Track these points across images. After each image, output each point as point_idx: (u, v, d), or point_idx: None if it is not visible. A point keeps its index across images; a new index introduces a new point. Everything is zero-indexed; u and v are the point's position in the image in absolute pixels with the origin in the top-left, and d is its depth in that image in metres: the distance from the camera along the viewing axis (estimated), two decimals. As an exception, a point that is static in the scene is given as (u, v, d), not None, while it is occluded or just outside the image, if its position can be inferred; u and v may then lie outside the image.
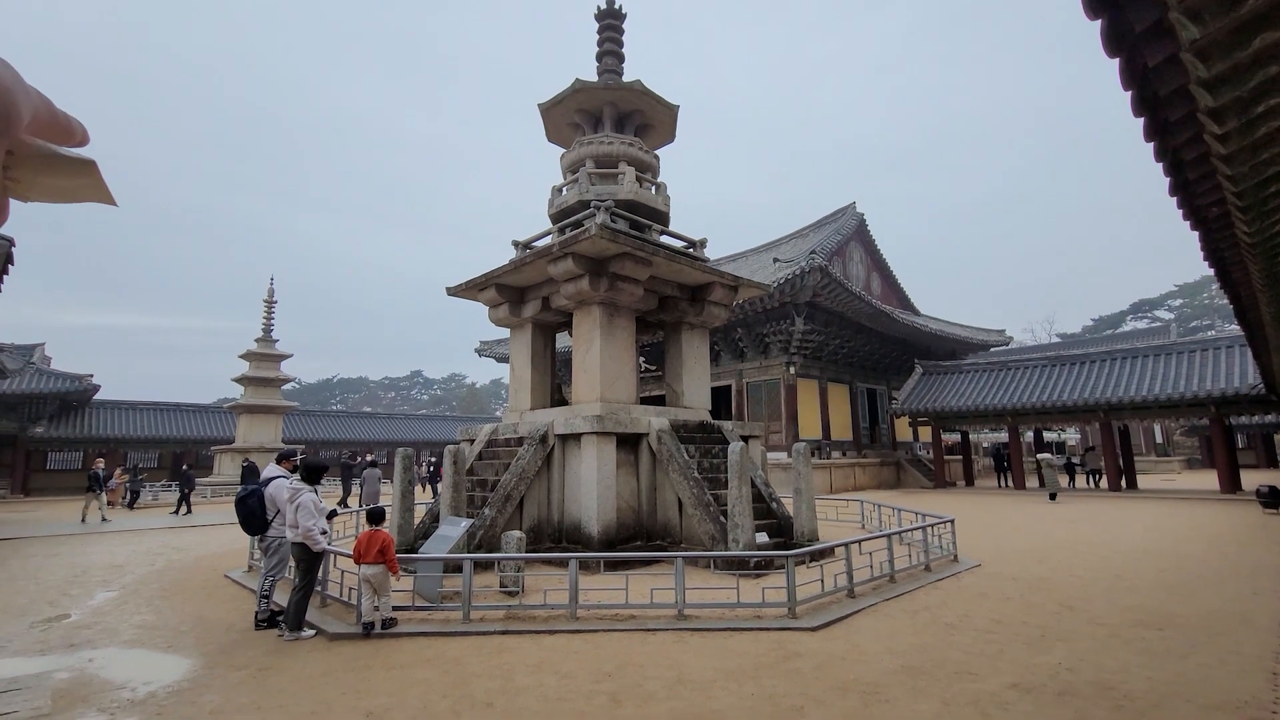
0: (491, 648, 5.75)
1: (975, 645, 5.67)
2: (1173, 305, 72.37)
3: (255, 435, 29.55)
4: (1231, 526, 13.49)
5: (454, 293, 12.83)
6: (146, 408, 38.92)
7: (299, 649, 5.83)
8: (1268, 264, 5.42)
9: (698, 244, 12.72)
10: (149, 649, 6.00)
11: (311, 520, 6.31)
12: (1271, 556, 9.80)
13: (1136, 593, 7.59)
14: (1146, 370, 22.96)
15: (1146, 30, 2.59)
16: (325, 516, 6.77)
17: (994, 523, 14.78)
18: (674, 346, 12.62)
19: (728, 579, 7.98)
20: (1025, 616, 6.61)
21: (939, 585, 8.05)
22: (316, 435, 43.75)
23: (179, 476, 21.99)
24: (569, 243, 10.08)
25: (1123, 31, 2.63)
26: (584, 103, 12.41)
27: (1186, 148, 3.48)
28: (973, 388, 26.65)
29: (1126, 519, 15.21)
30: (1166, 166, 3.77)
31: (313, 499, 6.44)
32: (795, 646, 5.67)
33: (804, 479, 9.84)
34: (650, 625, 6.22)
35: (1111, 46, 2.68)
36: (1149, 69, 2.83)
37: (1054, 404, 23.38)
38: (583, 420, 9.88)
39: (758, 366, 27.46)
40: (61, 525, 17.52)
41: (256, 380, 29.97)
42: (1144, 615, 6.59)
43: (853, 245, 32.23)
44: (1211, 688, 4.57)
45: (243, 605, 7.53)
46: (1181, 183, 3.97)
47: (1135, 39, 2.66)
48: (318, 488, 6.76)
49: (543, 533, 10.10)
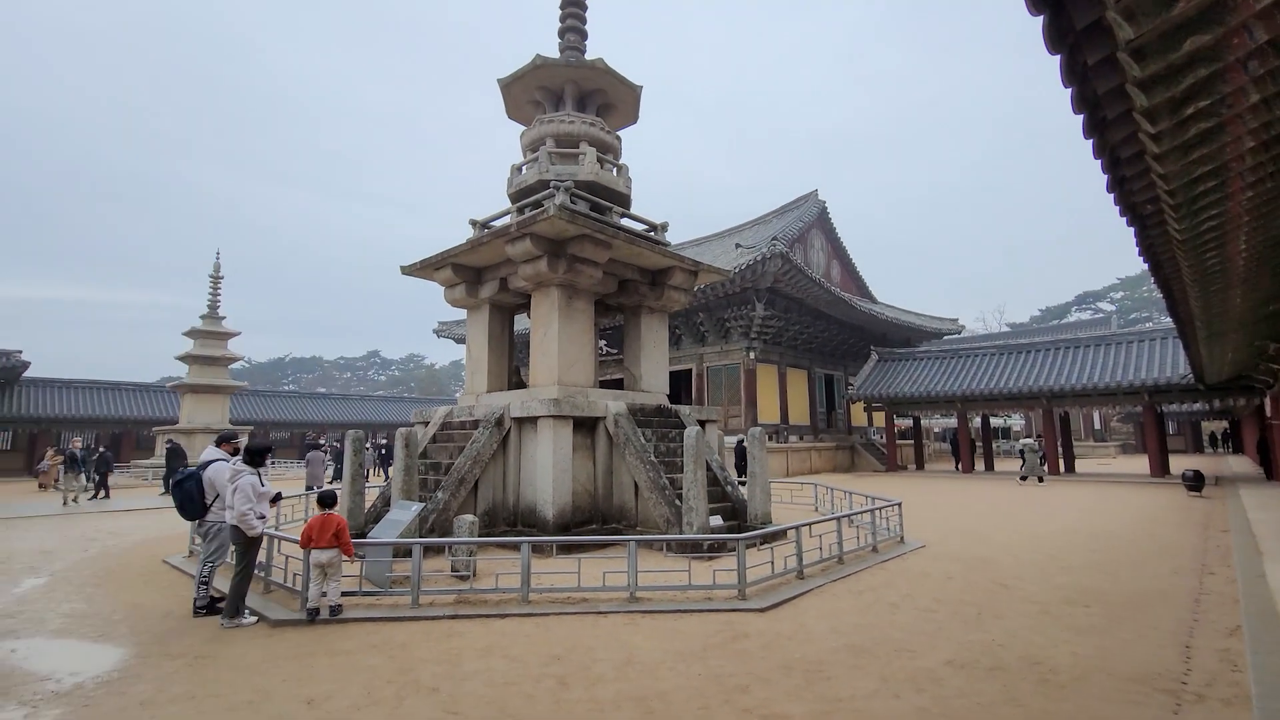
0: (440, 632, 5.69)
1: (916, 624, 5.87)
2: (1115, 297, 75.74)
3: (201, 416, 28.44)
4: (1159, 509, 14.28)
5: (409, 272, 12.50)
6: (82, 386, 37.03)
7: (239, 636, 5.66)
8: (1197, 260, 5.67)
9: (659, 227, 12.66)
10: (78, 638, 5.75)
11: (247, 504, 6.12)
12: (1192, 537, 10.41)
13: (1068, 572, 7.97)
14: (1088, 360, 24.00)
15: (1086, 28, 2.64)
16: (269, 500, 6.58)
17: (941, 505, 15.32)
18: (633, 330, 12.59)
19: (681, 561, 8.07)
20: (964, 595, 6.87)
21: (885, 566, 8.31)
22: (267, 416, 42.45)
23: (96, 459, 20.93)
24: (527, 223, 9.91)
25: (1064, 29, 2.67)
26: (545, 80, 12.15)
27: (1123, 145, 3.58)
28: (926, 375, 27.44)
29: (1064, 502, 15.96)
30: (1104, 163, 3.87)
31: (252, 482, 6.24)
32: (744, 627, 5.78)
33: (759, 463, 9.98)
34: (602, 608, 6.25)
35: (1053, 43, 2.73)
36: (1088, 67, 2.88)
37: (1002, 391, 24.28)
38: (540, 403, 9.80)
39: (718, 351, 27.69)
40: None
41: (202, 359, 28.78)
42: (1074, 593, 6.92)
43: (814, 232, 32.65)
44: (1130, 661, 4.83)
45: (181, 592, 7.27)
46: (1118, 179, 4.10)
47: (1076, 36, 2.70)
48: (262, 470, 6.55)
49: (497, 516, 10.03)
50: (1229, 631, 5.52)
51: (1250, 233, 5.09)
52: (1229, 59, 2.73)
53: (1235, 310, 8.33)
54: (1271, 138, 3.52)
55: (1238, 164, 3.78)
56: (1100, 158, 3.80)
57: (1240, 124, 3.31)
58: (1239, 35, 2.61)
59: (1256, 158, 3.72)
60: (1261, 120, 3.28)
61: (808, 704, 4.15)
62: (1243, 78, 2.87)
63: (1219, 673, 4.59)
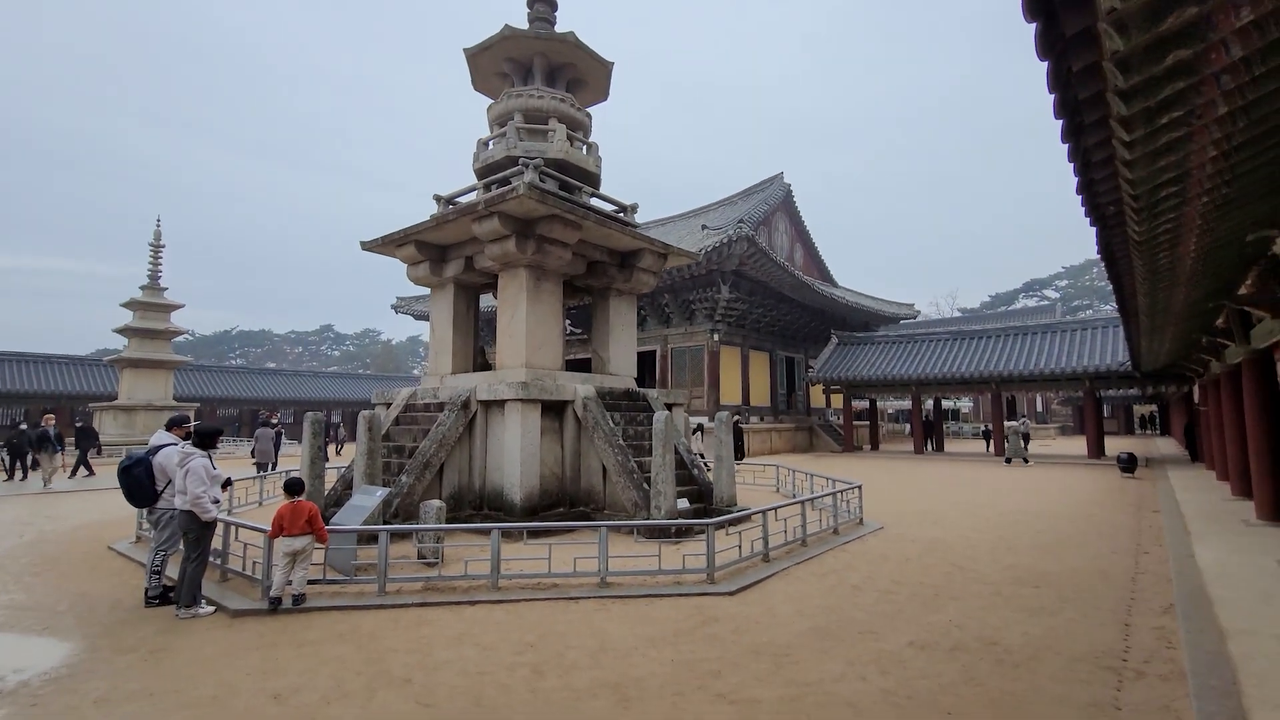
0: (409, 620, 5.62)
1: (877, 606, 6.08)
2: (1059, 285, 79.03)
3: (142, 392, 27.14)
4: (1096, 490, 15.10)
5: (369, 248, 12.08)
6: (8, 359, 34.78)
7: (196, 627, 5.47)
8: (1150, 259, 5.92)
9: (628, 209, 12.53)
10: (19, 632, 5.45)
11: (201, 487, 5.88)
12: (1126, 517, 11.05)
13: (1016, 552, 8.37)
14: (1035, 346, 25.01)
15: (1075, 36, 2.67)
16: (220, 485, 6.34)
17: (896, 486, 15.85)
18: (601, 313, 12.50)
19: (650, 546, 8.15)
20: (921, 577, 7.14)
21: (846, 548, 8.56)
22: (213, 392, 40.82)
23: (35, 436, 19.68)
24: (495, 201, 9.66)
25: (1054, 37, 2.70)
26: (513, 51, 11.78)
27: (1096, 149, 3.68)
28: (883, 358, 28.18)
29: (1010, 482, 16.71)
30: (1077, 166, 3.97)
31: (204, 464, 6.00)
32: (714, 611, 5.88)
33: (725, 446, 10.11)
34: (573, 594, 6.26)
35: (1043, 50, 2.76)
36: (1073, 74, 2.93)
37: (954, 375, 25.14)
38: (507, 386, 9.67)
39: (683, 333, 27.81)
40: (-94, 490, 15.55)
41: (142, 332, 27.38)
42: (1022, 574, 7.27)
43: (779, 216, 32.90)
44: (1076, 640, 5.11)
45: (131, 580, 6.98)
46: (1087, 182, 4.20)
47: (1064, 44, 2.74)
48: (212, 453, 6.30)
49: (463, 500, 9.91)
50: (1163, 610, 5.90)
51: (1200, 235, 5.33)
52: (1205, 72, 2.82)
53: (1178, 305, 8.77)
54: (1231, 148, 3.68)
55: (1199, 171, 3.94)
56: (1074, 160, 3.90)
57: (1206, 134, 3.44)
58: (1217, 50, 2.69)
59: (1216, 166, 3.88)
60: (1225, 131, 3.42)
61: (778, 688, 4.25)
62: (1215, 91, 2.98)
63: (1155, 650, 4.90)
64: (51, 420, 17.49)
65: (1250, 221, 5.48)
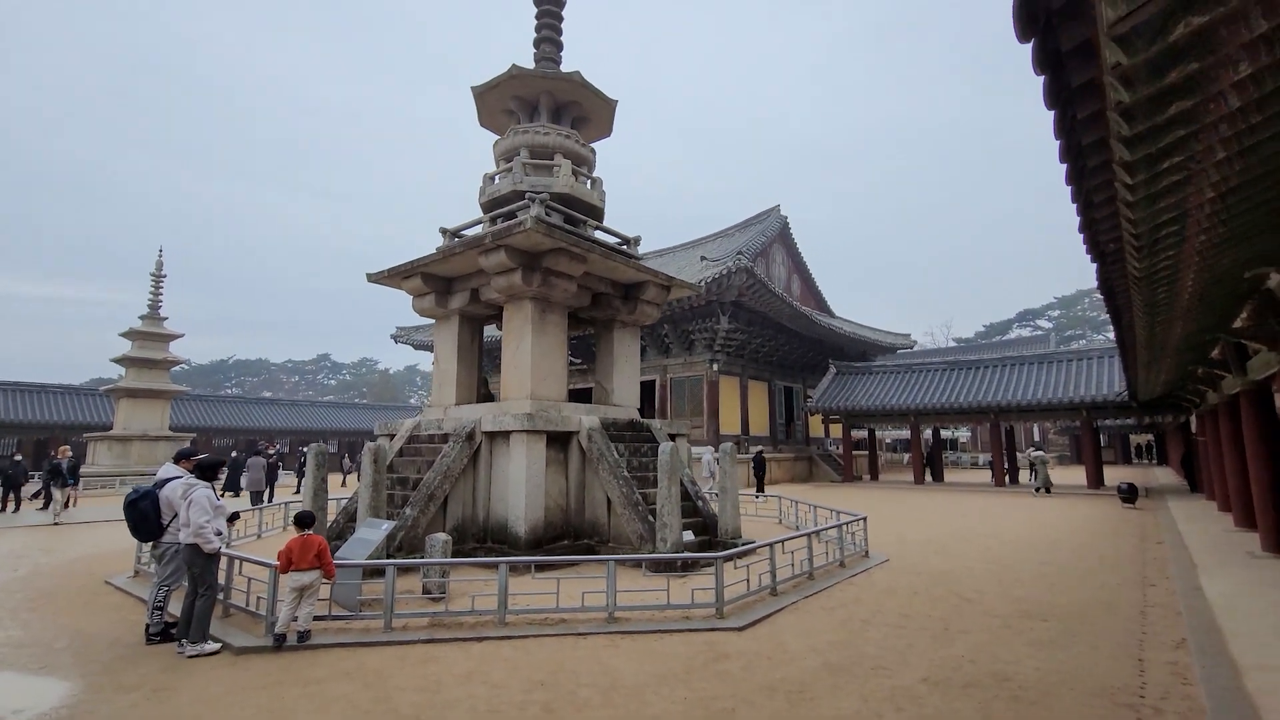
0: (416, 657, 5.54)
1: (887, 640, 6.03)
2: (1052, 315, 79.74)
3: (138, 422, 26.98)
4: (1097, 520, 15.06)
5: (376, 280, 12.19)
6: (3, 388, 34.59)
7: (200, 666, 5.38)
8: (1149, 293, 6.05)
9: (632, 241, 12.72)
10: (16, 670, 5.36)
11: (204, 517, 5.82)
12: (1130, 548, 11.02)
13: (1022, 584, 8.33)
14: (1032, 376, 25.17)
15: (1080, 87, 2.80)
16: (226, 518, 6.30)
17: (898, 517, 15.78)
18: (605, 344, 12.58)
19: (657, 579, 8.08)
20: (930, 610, 7.09)
21: (853, 581, 8.51)
22: (209, 422, 40.59)
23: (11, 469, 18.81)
24: (502, 234, 9.81)
25: (1060, 87, 2.83)
26: (520, 90, 12.08)
27: (1098, 191, 3.80)
28: (881, 388, 28.28)
29: (1009, 512, 16.66)
30: (1080, 207, 4.09)
31: (207, 494, 5.96)
32: (724, 647, 5.82)
33: (729, 478, 10.10)
34: (581, 629, 6.20)
35: (1050, 99, 2.89)
36: (1077, 121, 3.06)
37: (952, 405, 25.21)
38: (513, 418, 9.68)
39: (682, 363, 27.92)
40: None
41: (141, 361, 27.35)
42: (1030, 606, 7.23)
43: (776, 247, 33.34)
44: (1090, 676, 5.08)
45: (130, 616, 6.87)
46: (1089, 221, 4.33)
47: (1070, 94, 2.87)
48: (215, 484, 6.27)
49: (467, 532, 9.83)
50: (1175, 644, 5.86)
51: (1198, 271, 5.46)
52: (1205, 121, 2.95)
53: (1175, 338, 8.90)
54: (1229, 189, 3.81)
55: (1197, 212, 4.07)
56: (1076, 201, 4.02)
57: (1205, 177, 3.57)
58: (1216, 101, 2.82)
59: (1214, 206, 4.02)
60: (1223, 174, 3.55)
61: (795, 727, 4.21)
62: (1214, 138, 3.11)
63: (1171, 686, 4.87)
64: (67, 452, 17.04)
65: (1247, 258, 5.61)
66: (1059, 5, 2.37)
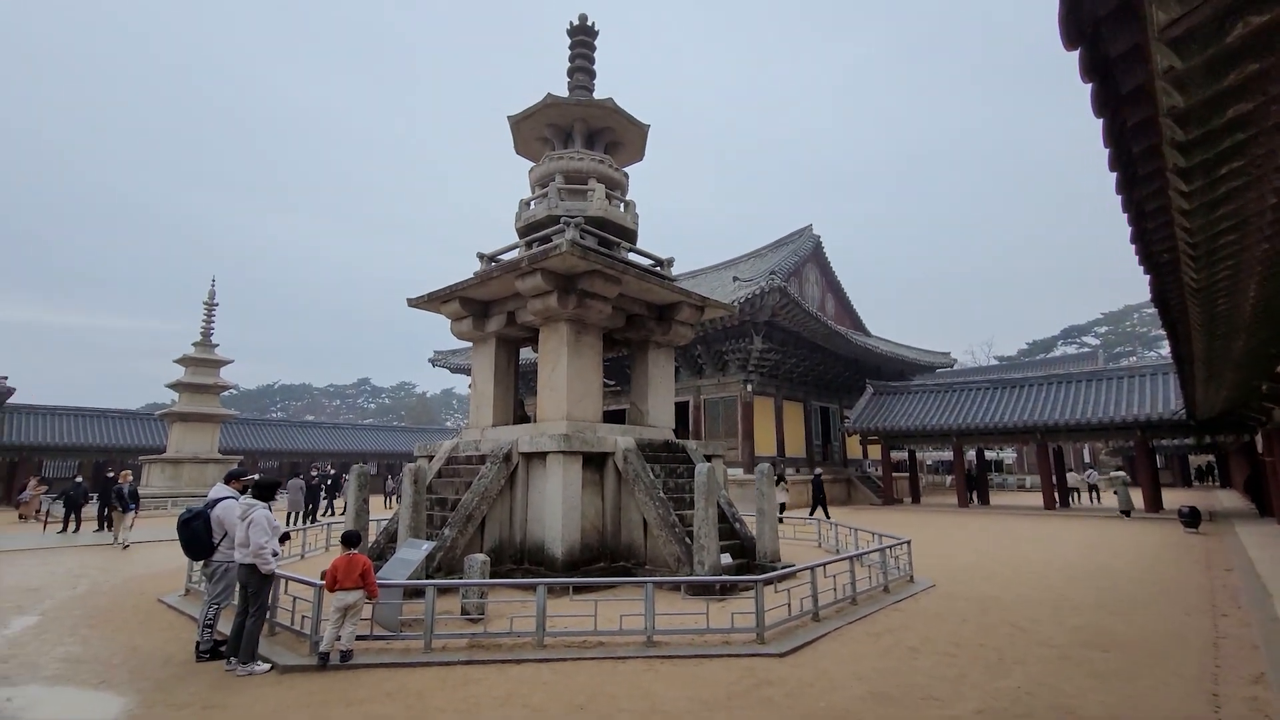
0: (456, 679, 5.54)
1: (938, 669, 5.79)
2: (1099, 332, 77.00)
3: (190, 445, 27.98)
4: (1158, 546, 14.29)
5: (415, 304, 12.50)
6: (66, 413, 36.31)
7: (248, 684, 5.48)
8: (1208, 306, 5.80)
9: (665, 263, 12.79)
10: (76, 685, 5.53)
11: (264, 538, 5.97)
12: (1196, 576, 10.41)
13: (1080, 613, 7.93)
14: (1080, 395, 24.24)
15: (1129, 93, 2.73)
16: (278, 538, 6.44)
17: (943, 540, 15.25)
18: (640, 365, 12.61)
19: (695, 603, 7.94)
20: (981, 638, 6.80)
21: (899, 607, 8.22)
22: (256, 445, 41.83)
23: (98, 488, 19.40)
24: (538, 258, 9.97)
25: (1109, 95, 2.77)
26: (554, 118, 12.37)
27: (1150, 199, 3.69)
28: (920, 408, 27.59)
29: (1061, 536, 15.94)
30: (1131, 216, 3.97)
31: (266, 516, 6.11)
32: (766, 674, 5.67)
33: (767, 499, 9.93)
34: (620, 653, 6.12)
35: (1098, 107, 2.82)
36: (1127, 129, 2.98)
37: (996, 425, 24.41)
38: (549, 439, 9.73)
39: (716, 383, 27.75)
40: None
41: (193, 386, 28.45)
42: (1090, 636, 6.87)
43: (809, 266, 33.09)
44: (1160, 711, 4.78)
45: (181, 634, 7.05)
46: (1141, 231, 4.19)
47: (1119, 101, 2.80)
48: (271, 504, 6.43)
49: (504, 554, 9.86)
50: (1253, 679, 5.49)
51: (1261, 281, 5.21)
52: (1266, 124, 2.84)
53: (1237, 352, 8.49)
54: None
55: (1258, 219, 3.90)
56: (1128, 211, 3.90)
57: (1266, 182, 3.42)
58: (1278, 102, 2.72)
59: (1276, 213, 3.84)
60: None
61: (844, 758, 4.05)
62: (1276, 141, 2.98)
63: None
64: (128, 476, 16.95)
65: (1314, 266, 5.35)
66: (1106, 11, 2.33)
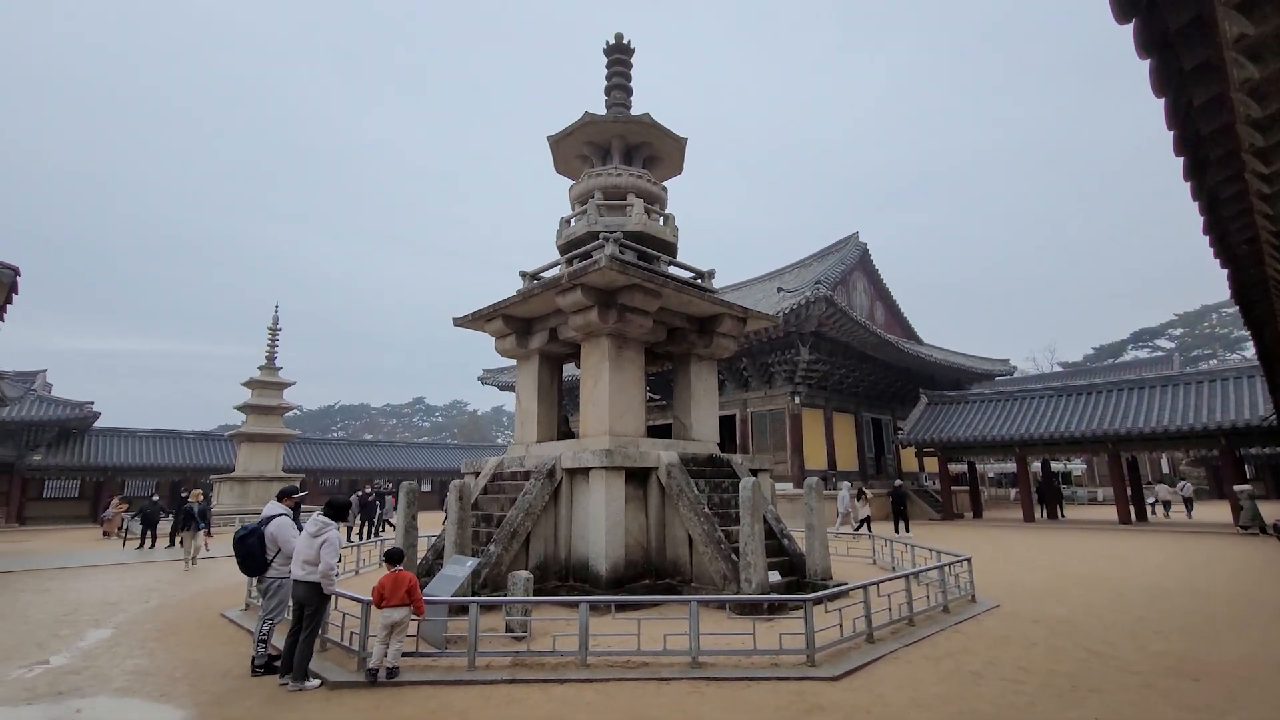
0: (499, 699, 5.49)
1: (1004, 697, 5.41)
2: (1174, 334, 72.45)
3: (256, 464, 29.26)
4: (1251, 564, 13.16)
5: (461, 323, 12.75)
6: (145, 435, 38.63)
7: (299, 700, 5.57)
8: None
9: (706, 275, 12.69)
10: (141, 698, 5.74)
11: (334, 558, 6.11)
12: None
13: (1163, 637, 7.33)
14: (1155, 401, 22.77)
15: (1195, 69, 2.51)
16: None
17: (1007, 558, 14.46)
18: (682, 378, 12.49)
19: (742, 622, 7.70)
20: (1052, 664, 6.34)
21: (959, 629, 7.78)
22: (317, 463, 43.38)
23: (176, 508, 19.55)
24: (578, 274, 10.03)
25: (1170, 72, 2.55)
26: (592, 135, 12.50)
27: (1223, 186, 3.39)
28: (979, 418, 26.43)
29: (1138, 554, 14.89)
30: (1203, 205, 3.67)
31: (339, 537, 6.26)
32: (817, 698, 5.42)
33: (816, 515, 9.60)
34: (664, 674, 5.96)
35: (1158, 85, 2.61)
36: (1194, 108, 2.74)
37: (1062, 435, 23.15)
38: (591, 454, 9.70)
39: (762, 396, 27.30)
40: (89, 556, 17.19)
41: (259, 408, 29.80)
42: (1175, 662, 6.33)
43: (856, 275, 32.34)
44: (1262, 748, 4.32)
45: (239, 648, 7.27)
46: (1215, 220, 3.87)
47: (1182, 79, 2.58)
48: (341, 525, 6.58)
49: (549, 571, 9.83)
50: (1372, 714, 4.92)
51: (1359, 271, 4.75)
52: (1356, 96, 2.56)
53: (1333, 351, 7.78)
54: (1392, 174, 3.29)
55: (1352, 202, 3.54)
56: (1199, 200, 3.60)
57: (1360, 161, 3.10)
58: (1369, 72, 2.45)
59: (1374, 195, 3.48)
60: (1384, 157, 3.07)
61: (901, 792, 3.80)
62: (1369, 114, 2.69)
63: (1372, 765, 4.05)
64: (199, 496, 16.73)
65: None
66: (1162, -19, 2.14)
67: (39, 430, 32.80)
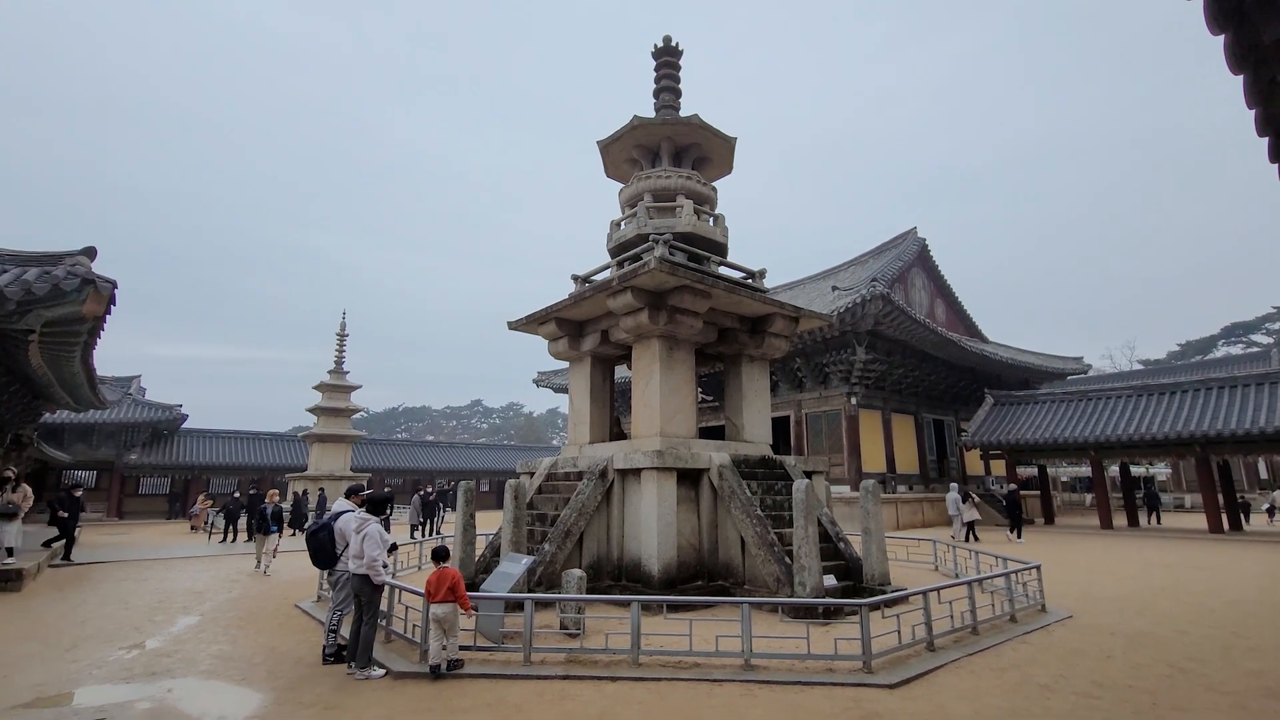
0: (553, 694, 5.61)
1: (1076, 712, 5.15)
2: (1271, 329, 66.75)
3: (326, 463, 30.70)
4: (1365, 578, 12.03)
5: (515, 327, 13.05)
6: (228, 436, 41.21)
7: (364, 688, 5.84)
8: None
9: (757, 274, 12.56)
10: (223, 680, 6.15)
11: (377, 550, 6.38)
12: None
13: (1259, 654, 6.79)
14: (1249, 400, 21.08)
15: (1276, 42, 2.35)
16: (388, 550, 6.85)
17: (1082, 566, 13.69)
18: (734, 379, 12.41)
19: (795, 626, 7.60)
20: (1130, 679, 5.98)
21: (1027, 639, 7.43)
22: (382, 463, 45.18)
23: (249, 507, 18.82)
24: (628, 276, 10.12)
25: (1247, 46, 2.40)
26: (641, 138, 12.58)
27: (1314, 168, 3.14)
28: (1050, 419, 25.11)
29: (1232, 565, 13.83)
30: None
31: (379, 530, 6.53)
32: (874, 705, 5.29)
33: (873, 518, 9.36)
34: (715, 675, 5.94)
35: (1235, 62, 2.45)
36: (1276, 84, 2.57)
37: (1143, 437, 21.72)
38: (643, 455, 9.76)
39: (817, 397, 26.76)
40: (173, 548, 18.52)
41: (328, 410, 31.27)
42: (1273, 682, 5.86)
43: (914, 271, 31.30)
44: (1371, 778, 3.96)
45: (311, 637, 7.67)
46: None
47: (1262, 53, 2.42)
48: (384, 518, 6.86)
49: (602, 570, 9.95)
50: None
51: None
52: None
53: None
54: None
55: None
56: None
57: None
58: None
59: None
60: None
61: (962, 805, 3.67)
62: None
63: None
64: (274, 496, 16.00)
65: None
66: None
67: (134, 431, 35.44)
